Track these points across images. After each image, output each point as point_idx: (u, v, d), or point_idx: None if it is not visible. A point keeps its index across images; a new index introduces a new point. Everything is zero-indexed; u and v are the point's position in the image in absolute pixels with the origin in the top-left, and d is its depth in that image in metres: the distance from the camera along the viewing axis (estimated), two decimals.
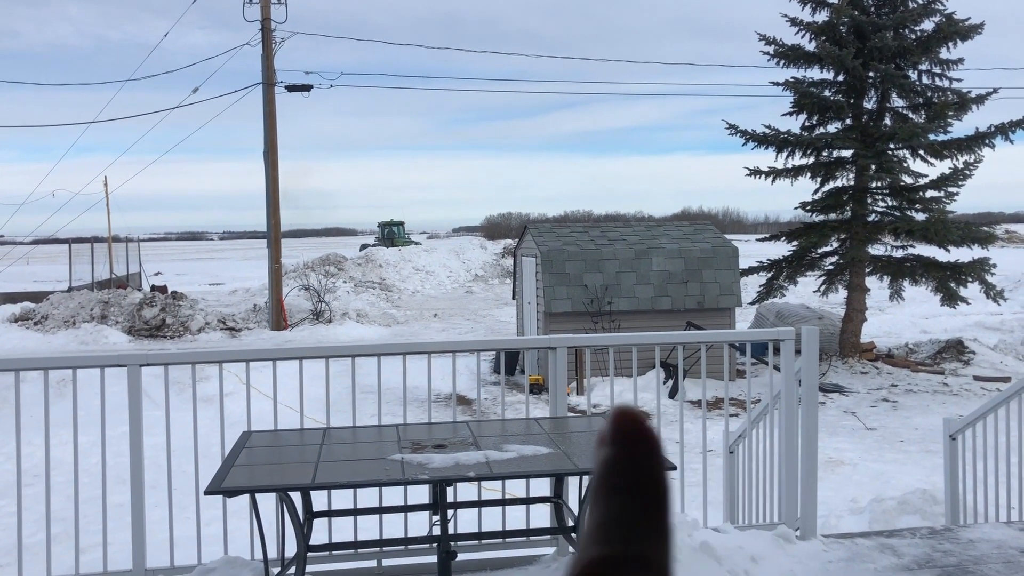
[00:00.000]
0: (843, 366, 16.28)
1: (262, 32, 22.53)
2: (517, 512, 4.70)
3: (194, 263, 59.82)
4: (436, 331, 22.88)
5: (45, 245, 36.65)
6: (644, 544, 0.41)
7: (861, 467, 10.19)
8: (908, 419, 12.73)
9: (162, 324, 21.64)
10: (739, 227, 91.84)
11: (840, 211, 17.23)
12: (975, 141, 16.32)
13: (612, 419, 0.43)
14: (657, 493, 0.42)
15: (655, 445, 0.43)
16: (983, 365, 16.22)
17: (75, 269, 27.73)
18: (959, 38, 16.29)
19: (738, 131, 17.13)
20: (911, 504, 7.37)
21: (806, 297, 22.10)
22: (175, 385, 6.18)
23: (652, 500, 0.42)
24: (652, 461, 0.43)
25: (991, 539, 4.73)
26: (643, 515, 0.41)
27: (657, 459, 0.43)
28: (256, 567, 4.16)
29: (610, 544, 0.41)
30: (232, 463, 3.78)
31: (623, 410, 0.44)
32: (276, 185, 22.90)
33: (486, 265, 39.96)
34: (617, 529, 0.41)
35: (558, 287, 15.10)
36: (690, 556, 4.22)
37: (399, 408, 5.06)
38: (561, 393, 4.82)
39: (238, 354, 4.98)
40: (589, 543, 0.41)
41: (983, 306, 19.85)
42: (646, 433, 0.43)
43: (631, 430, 0.43)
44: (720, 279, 15.56)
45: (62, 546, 4.76)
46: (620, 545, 0.41)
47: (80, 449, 4.53)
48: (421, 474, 3.61)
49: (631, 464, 0.42)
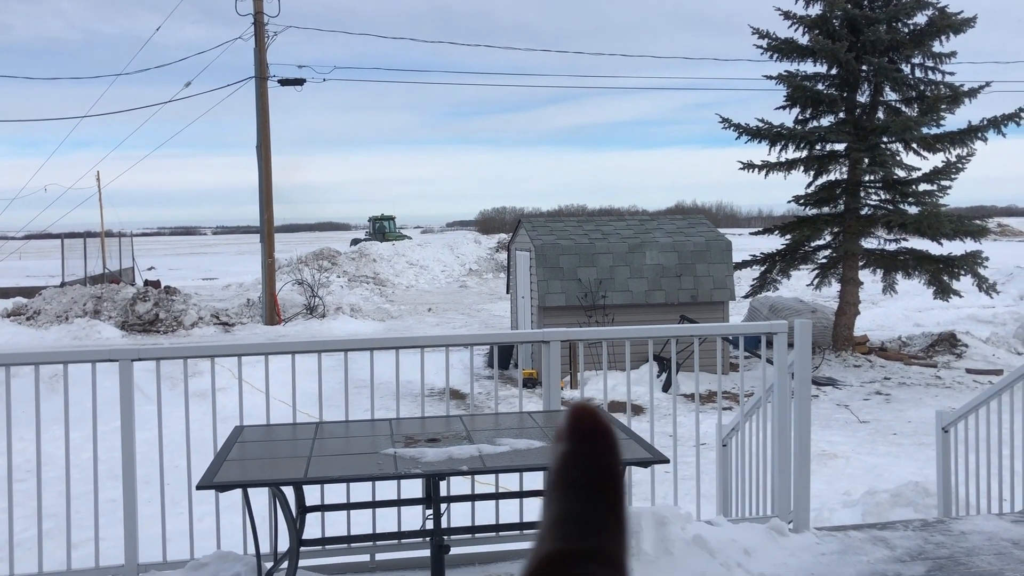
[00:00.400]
0: (836, 359, 16.31)
1: (255, 26, 22.44)
2: (510, 506, 4.70)
3: (187, 258, 59.68)
4: (430, 325, 22.87)
5: (37, 240, 36.51)
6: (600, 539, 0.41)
7: (854, 460, 10.22)
8: (901, 412, 12.76)
9: (155, 319, 21.58)
10: (733, 221, 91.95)
11: (833, 205, 17.24)
12: (968, 134, 16.34)
13: (568, 415, 0.43)
14: (612, 488, 0.42)
15: (611, 441, 0.43)
16: (976, 358, 16.27)
17: (68, 264, 27.62)
18: (951, 32, 16.30)
19: (731, 125, 17.13)
20: (904, 497, 7.39)
21: (799, 291, 22.12)
22: (168, 380, 6.16)
23: (607, 495, 0.42)
24: (608, 457, 0.43)
25: (983, 531, 4.75)
26: (598, 510, 0.41)
27: (613, 455, 0.43)
28: (249, 562, 4.15)
29: (566, 539, 0.41)
30: (224, 457, 3.77)
31: (579, 406, 0.44)
32: (269, 180, 22.85)
33: (480, 259, 39.93)
34: (573, 525, 0.41)
35: (552, 281, 15.10)
36: (683, 549, 4.22)
37: (393, 402, 5.05)
38: (554, 386, 4.82)
39: (230, 348, 4.97)
40: (545, 539, 0.41)
41: (976, 299, 19.89)
42: (602, 429, 0.43)
43: (587, 426, 0.43)
44: (714, 273, 15.58)
45: (54, 542, 4.74)
46: (576, 540, 0.41)
47: (72, 444, 4.52)
48: (414, 468, 3.61)
49: (587, 460, 0.42)
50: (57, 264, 27.79)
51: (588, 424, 0.43)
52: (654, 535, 4.24)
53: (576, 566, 0.40)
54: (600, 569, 0.40)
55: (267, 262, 22.66)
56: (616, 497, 0.42)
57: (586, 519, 0.41)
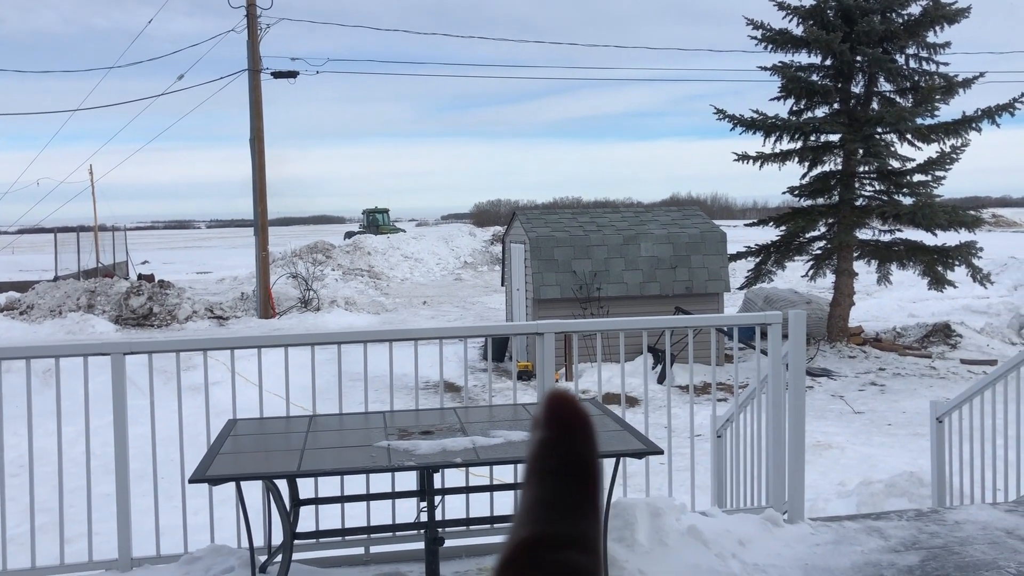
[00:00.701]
0: (831, 350, 16.34)
1: (247, 18, 22.35)
2: (505, 498, 4.69)
3: (181, 251, 59.55)
4: (425, 318, 22.85)
5: (30, 234, 36.40)
6: (575, 524, 0.41)
7: (849, 450, 10.24)
8: (896, 402, 12.79)
9: (149, 313, 21.53)
10: (727, 213, 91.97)
11: (828, 196, 17.25)
12: (962, 125, 16.35)
13: (546, 402, 0.44)
14: (589, 474, 0.42)
15: (588, 428, 0.43)
16: (970, 348, 16.30)
17: (61, 258, 27.54)
18: (946, 22, 16.29)
19: (726, 116, 17.11)
20: (898, 487, 7.40)
21: (794, 282, 22.15)
22: (163, 374, 6.14)
23: (584, 481, 0.42)
24: (584, 443, 0.43)
25: (977, 520, 4.76)
26: (575, 496, 0.42)
27: (589, 441, 0.43)
28: (243, 555, 4.14)
29: (541, 524, 0.41)
30: (217, 451, 3.76)
31: (557, 393, 0.44)
32: (263, 173, 22.79)
33: (475, 252, 39.90)
34: (549, 510, 0.41)
35: (547, 273, 15.09)
36: (678, 540, 4.22)
37: (387, 395, 5.04)
38: (548, 378, 4.81)
39: (222, 342, 4.95)
40: (521, 524, 0.42)
41: (970, 290, 19.93)
42: (579, 416, 0.43)
43: (565, 413, 0.43)
44: (708, 264, 15.57)
45: (48, 536, 4.73)
46: (551, 525, 0.41)
47: (65, 439, 4.50)
48: (408, 461, 3.59)
49: (564, 446, 0.43)
50: (50, 258, 27.71)
51: (565, 412, 0.43)
52: (649, 526, 4.24)
53: (551, 551, 0.40)
54: (574, 554, 0.41)
55: (261, 255, 22.62)
56: (592, 484, 0.42)
57: (561, 505, 0.41)
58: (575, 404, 0.43)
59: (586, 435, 0.43)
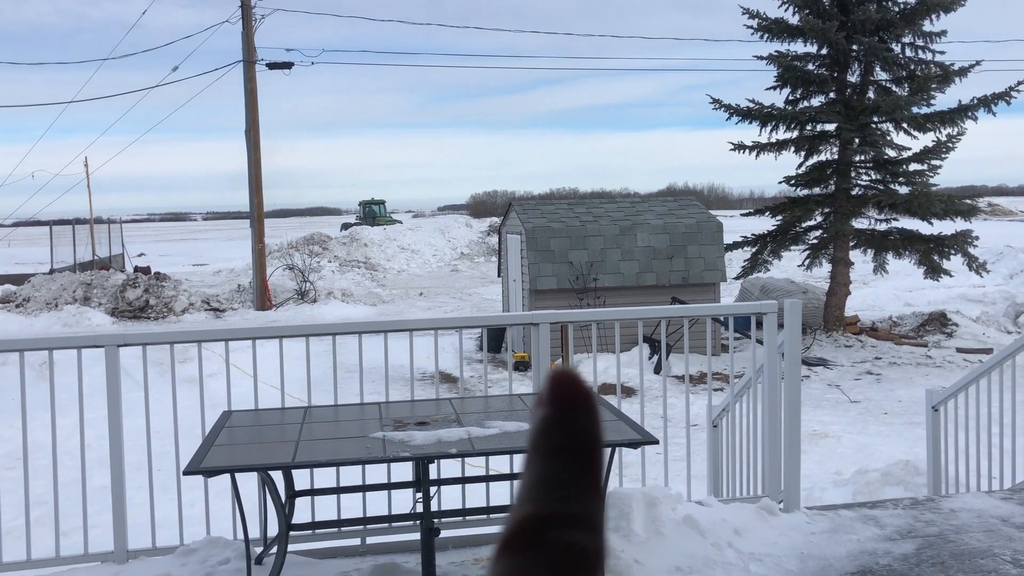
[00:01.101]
0: (827, 339, 16.35)
1: (242, 9, 22.26)
2: (501, 488, 4.70)
3: (177, 244, 59.45)
4: (422, 309, 22.84)
5: (25, 227, 36.32)
6: (577, 503, 0.41)
7: (845, 439, 10.26)
8: (892, 391, 12.81)
9: (145, 305, 21.50)
10: (724, 202, 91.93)
11: (824, 185, 17.24)
12: (958, 114, 16.33)
13: (549, 380, 0.43)
14: (591, 453, 0.42)
15: (591, 406, 0.43)
16: (966, 337, 16.33)
17: (57, 251, 27.47)
18: (942, 10, 16.25)
19: (722, 106, 17.08)
20: (894, 475, 7.42)
21: (791, 271, 22.15)
22: (158, 366, 6.13)
23: (586, 460, 0.42)
24: (587, 422, 0.42)
25: (972, 508, 4.77)
26: (577, 475, 0.41)
27: (592, 419, 0.43)
28: (238, 547, 4.14)
29: (543, 503, 0.41)
30: (212, 443, 3.75)
31: (560, 371, 0.44)
32: (258, 164, 22.73)
33: (471, 243, 39.88)
34: (551, 489, 0.41)
35: (543, 264, 15.08)
36: (674, 529, 4.22)
37: (383, 387, 5.03)
38: (544, 369, 4.81)
39: (217, 333, 4.94)
40: (523, 502, 0.41)
41: (966, 279, 19.96)
42: (582, 394, 0.43)
43: (567, 391, 0.43)
44: (705, 254, 15.57)
45: (43, 529, 4.72)
46: (553, 504, 0.41)
47: (61, 431, 4.49)
48: (403, 451, 3.59)
49: (566, 424, 0.42)
50: (46, 251, 27.63)
51: (568, 390, 0.43)
52: (645, 516, 4.24)
53: (553, 529, 0.40)
54: (577, 532, 0.40)
55: (257, 247, 22.58)
56: (594, 462, 0.42)
57: (564, 483, 0.41)
58: (579, 383, 0.43)
59: (589, 414, 0.43)
